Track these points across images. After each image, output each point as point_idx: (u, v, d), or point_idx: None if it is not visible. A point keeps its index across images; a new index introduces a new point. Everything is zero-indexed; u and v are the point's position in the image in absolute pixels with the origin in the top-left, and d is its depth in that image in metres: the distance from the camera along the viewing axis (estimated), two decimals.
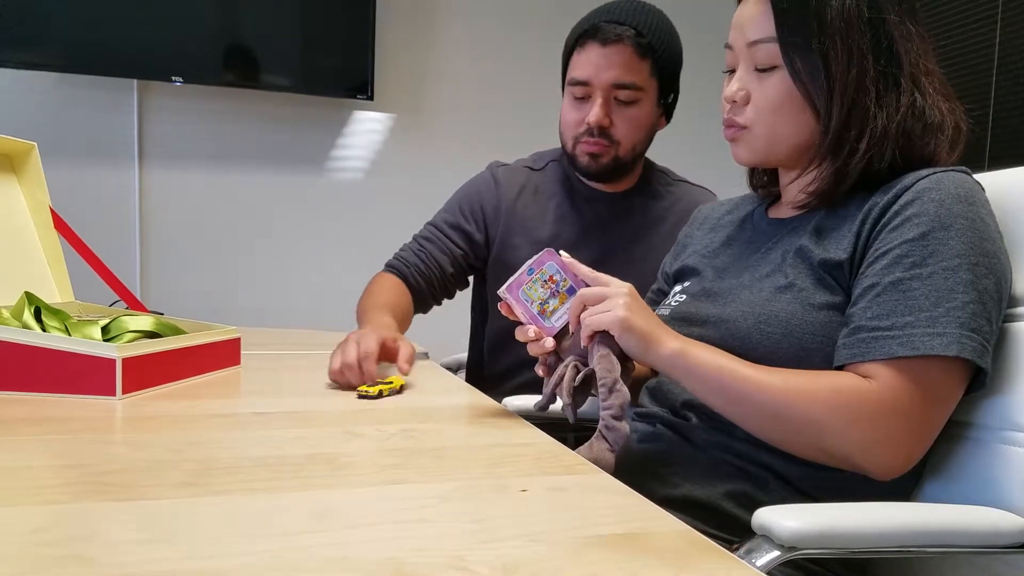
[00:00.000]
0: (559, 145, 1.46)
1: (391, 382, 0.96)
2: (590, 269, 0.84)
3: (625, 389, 0.79)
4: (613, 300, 0.80)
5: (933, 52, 0.86)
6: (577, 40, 1.33)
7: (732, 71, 0.91)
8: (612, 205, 1.44)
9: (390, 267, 1.44)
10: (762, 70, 0.86)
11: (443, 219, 1.48)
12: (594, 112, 1.31)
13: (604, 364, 0.79)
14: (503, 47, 3.12)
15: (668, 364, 0.80)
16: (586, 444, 0.78)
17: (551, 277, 0.84)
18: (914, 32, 0.84)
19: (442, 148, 3.08)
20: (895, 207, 0.79)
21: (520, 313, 0.84)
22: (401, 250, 1.48)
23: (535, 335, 0.84)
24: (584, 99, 1.33)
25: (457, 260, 1.44)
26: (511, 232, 1.43)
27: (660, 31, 1.32)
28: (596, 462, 0.75)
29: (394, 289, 1.37)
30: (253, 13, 2.73)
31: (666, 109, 1.40)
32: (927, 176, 0.80)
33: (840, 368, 0.78)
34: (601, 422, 0.78)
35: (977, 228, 0.76)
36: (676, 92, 1.40)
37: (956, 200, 0.77)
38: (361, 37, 2.84)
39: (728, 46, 0.91)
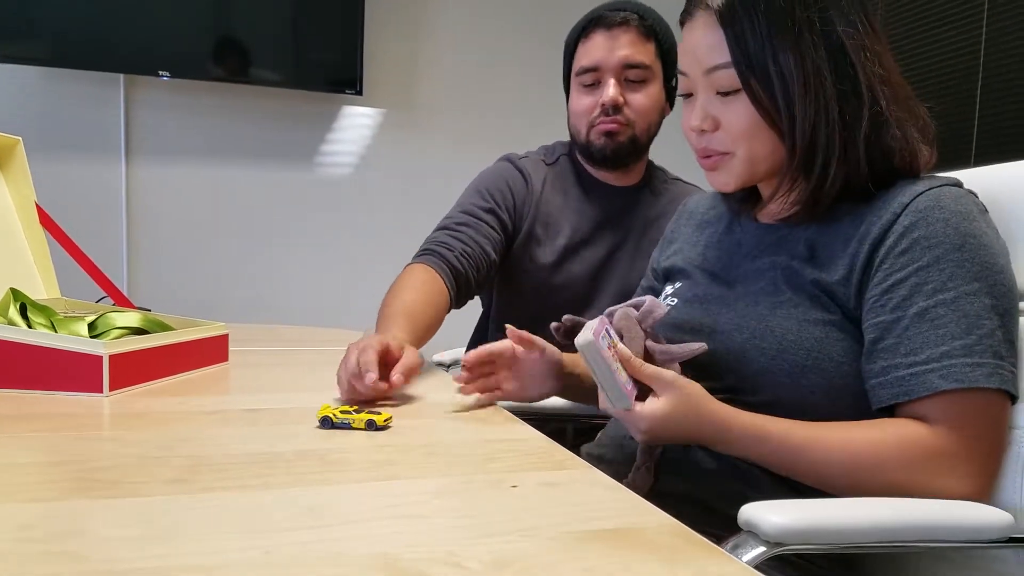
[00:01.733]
0: (554, 140, 1.46)
1: (378, 413, 0.77)
2: (641, 365, 0.78)
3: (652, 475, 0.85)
4: (631, 425, 0.79)
5: (887, 51, 0.84)
6: (581, 32, 1.35)
7: (688, 95, 0.89)
8: (622, 198, 1.44)
9: (426, 255, 1.28)
10: (725, 93, 0.84)
11: (474, 204, 1.38)
12: (608, 92, 1.31)
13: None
14: (492, 42, 3.12)
15: (728, 450, 0.79)
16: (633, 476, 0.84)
17: (610, 345, 0.77)
18: (866, 38, 0.82)
19: (431, 143, 3.08)
20: (896, 228, 0.78)
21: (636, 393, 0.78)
22: (433, 236, 1.34)
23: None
24: (594, 85, 1.34)
25: (496, 246, 1.35)
26: (536, 225, 1.40)
27: (659, 18, 1.36)
28: (635, 484, 0.81)
29: (423, 287, 1.21)
30: (241, 7, 2.71)
31: (669, 93, 1.40)
32: (924, 193, 0.79)
33: (883, 408, 0.77)
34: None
35: (987, 245, 0.76)
36: (676, 77, 1.38)
37: (962, 218, 0.76)
38: (350, 32, 2.83)
39: (682, 72, 0.88)
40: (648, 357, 0.81)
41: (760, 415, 0.78)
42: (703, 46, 0.84)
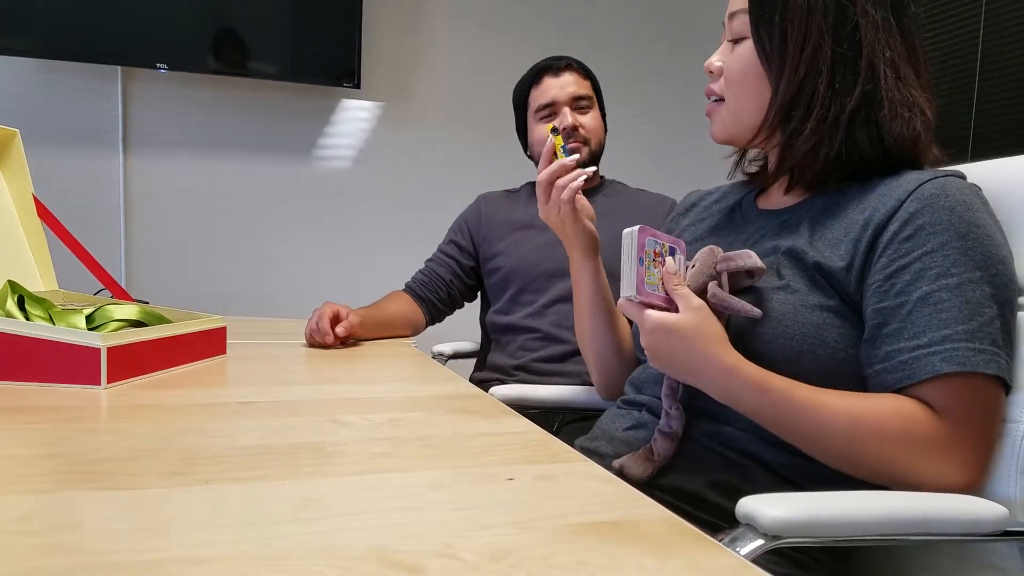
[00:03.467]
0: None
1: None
2: (679, 283, 0.83)
3: (681, 410, 0.87)
4: (640, 324, 0.83)
5: (915, 43, 0.85)
6: (532, 80, 1.72)
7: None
8: None
9: (407, 286, 1.75)
10: (734, 41, 0.89)
11: (444, 242, 1.82)
12: (567, 119, 1.65)
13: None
14: (490, 35, 3.11)
15: (719, 393, 0.81)
16: (634, 455, 0.87)
17: (655, 251, 0.83)
18: (881, 22, 0.83)
19: (429, 136, 3.07)
20: (901, 215, 0.78)
21: (657, 304, 0.82)
22: (414, 274, 1.78)
23: None
24: (551, 117, 1.68)
25: (454, 269, 1.76)
26: (490, 230, 1.75)
27: (587, 66, 1.74)
28: (629, 469, 0.85)
29: (394, 298, 1.67)
30: (239, 0, 2.70)
31: (604, 120, 1.75)
32: (929, 181, 0.79)
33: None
34: (657, 433, 0.87)
35: (990, 235, 0.76)
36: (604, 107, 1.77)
37: (967, 208, 0.77)
38: (348, 25, 2.82)
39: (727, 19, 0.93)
40: (702, 296, 0.83)
41: (764, 369, 0.79)
42: None
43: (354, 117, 3.01)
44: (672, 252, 0.85)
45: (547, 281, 1.65)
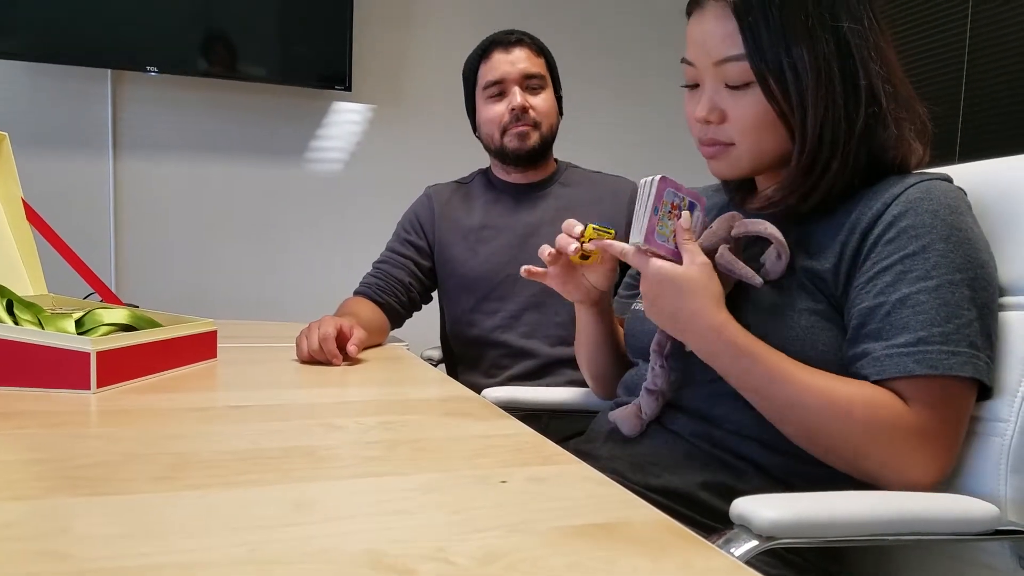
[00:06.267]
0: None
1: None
2: (689, 237, 0.83)
3: (667, 369, 0.90)
4: (641, 268, 0.84)
5: (891, 49, 0.84)
6: (482, 54, 1.58)
7: (693, 86, 0.89)
8: (530, 192, 1.63)
9: (357, 292, 1.59)
10: (735, 87, 0.83)
11: (392, 241, 1.68)
12: (516, 98, 1.52)
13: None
14: (481, 37, 3.10)
15: (702, 350, 0.82)
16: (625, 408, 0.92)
17: (673, 204, 0.83)
18: (871, 35, 0.82)
19: (421, 138, 3.07)
20: (886, 217, 0.79)
21: (664, 256, 0.83)
22: (364, 277, 1.62)
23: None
24: (500, 96, 1.55)
25: (411, 270, 1.61)
26: (445, 232, 1.62)
27: (541, 41, 1.60)
28: (621, 425, 0.91)
29: (360, 304, 1.52)
30: (229, 3, 2.70)
31: (558, 102, 1.62)
32: (914, 185, 0.79)
33: None
34: (643, 390, 0.91)
35: (971, 239, 0.76)
36: (560, 89, 1.64)
37: (949, 211, 0.77)
38: (339, 27, 2.81)
39: (687, 62, 0.88)
40: (711, 256, 0.84)
41: (752, 335, 0.80)
42: (715, 36, 0.83)
43: (345, 120, 3.01)
44: (692, 208, 0.85)
45: (511, 288, 1.54)
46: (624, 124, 3.28)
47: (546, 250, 0.97)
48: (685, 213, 0.84)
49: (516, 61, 1.54)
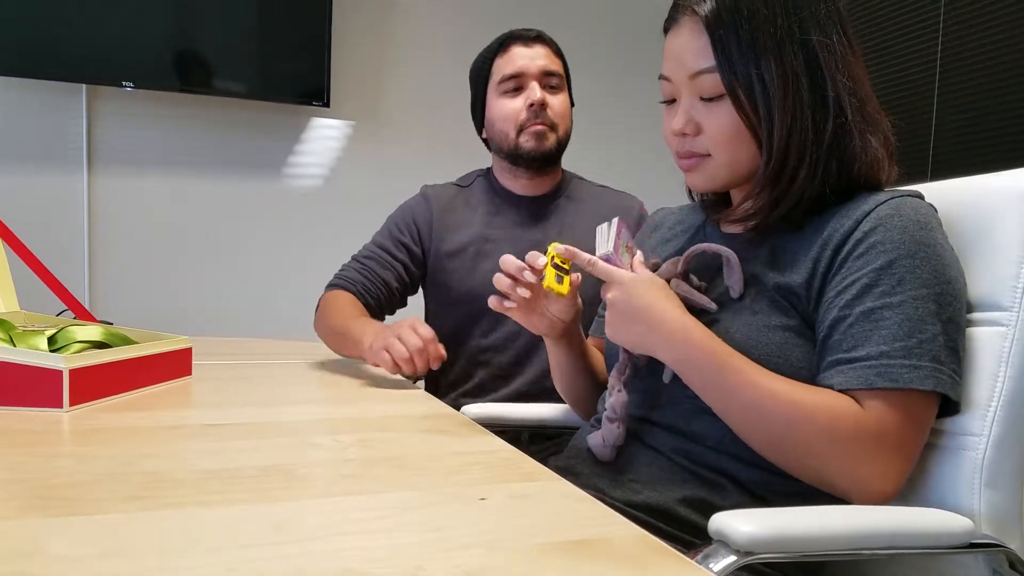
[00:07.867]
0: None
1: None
2: (601, 266, 0.86)
3: (624, 394, 0.90)
4: (608, 277, 0.86)
5: (860, 62, 0.86)
6: (499, 47, 1.50)
7: (670, 101, 0.90)
8: (536, 205, 1.54)
9: (336, 286, 1.48)
10: (708, 99, 0.85)
11: (382, 237, 1.55)
12: (535, 92, 1.43)
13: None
14: (460, 53, 3.11)
15: (669, 353, 0.83)
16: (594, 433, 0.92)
17: (628, 244, 0.91)
18: (839, 48, 0.84)
19: (399, 155, 3.07)
20: (856, 234, 0.80)
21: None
22: (342, 270, 1.52)
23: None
24: (517, 91, 1.46)
25: (400, 274, 1.51)
26: (442, 241, 1.51)
27: (557, 44, 1.52)
28: (592, 447, 0.91)
29: (353, 301, 1.42)
30: (206, 17, 2.69)
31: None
32: (886, 201, 0.81)
33: None
34: (603, 418, 0.91)
35: (939, 254, 0.78)
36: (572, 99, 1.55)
37: (918, 227, 0.78)
38: (317, 43, 2.81)
39: (664, 77, 0.89)
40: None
41: (719, 339, 0.81)
42: (689, 51, 0.85)
43: (323, 135, 3.00)
44: (635, 249, 0.93)
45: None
46: (609, 140, 3.31)
47: (503, 280, 0.94)
48: (639, 251, 0.91)
49: (536, 57, 1.46)
